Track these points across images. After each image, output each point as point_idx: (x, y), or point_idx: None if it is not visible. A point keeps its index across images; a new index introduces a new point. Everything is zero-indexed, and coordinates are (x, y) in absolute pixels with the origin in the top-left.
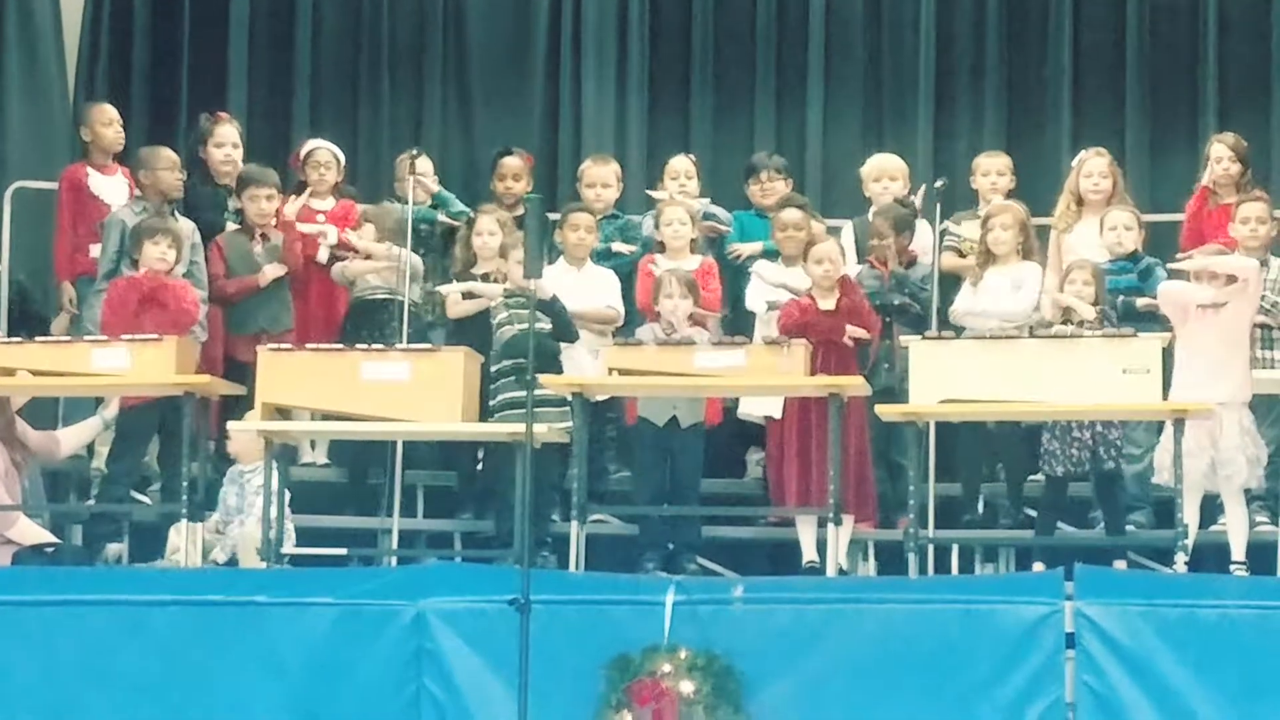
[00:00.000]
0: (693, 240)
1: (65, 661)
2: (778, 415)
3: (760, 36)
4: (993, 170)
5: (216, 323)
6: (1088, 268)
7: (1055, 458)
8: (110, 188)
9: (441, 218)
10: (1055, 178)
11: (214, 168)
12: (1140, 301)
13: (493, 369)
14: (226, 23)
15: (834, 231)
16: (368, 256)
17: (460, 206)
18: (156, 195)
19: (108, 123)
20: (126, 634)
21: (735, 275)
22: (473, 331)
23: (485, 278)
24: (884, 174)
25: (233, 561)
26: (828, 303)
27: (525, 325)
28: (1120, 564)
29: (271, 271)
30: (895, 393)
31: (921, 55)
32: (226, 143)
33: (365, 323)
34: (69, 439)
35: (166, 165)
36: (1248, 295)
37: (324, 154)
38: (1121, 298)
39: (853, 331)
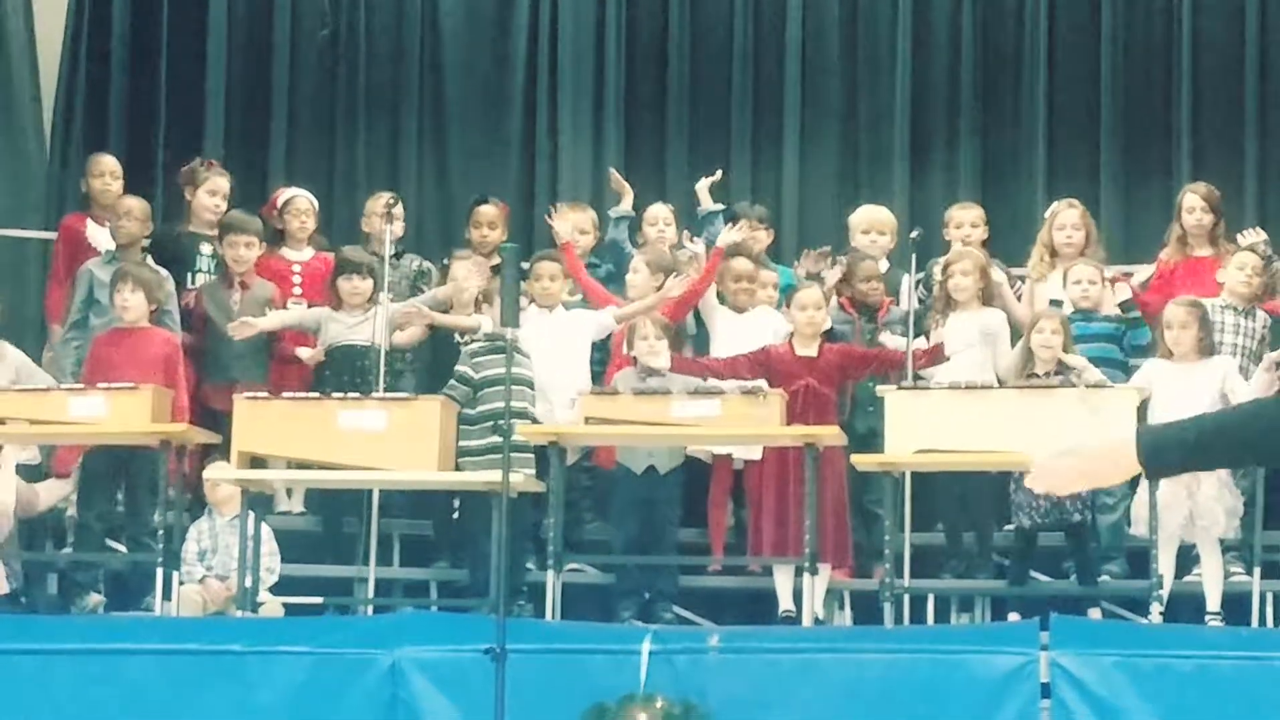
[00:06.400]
0: (656, 288)
1: (39, 712)
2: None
3: (736, 84)
4: (965, 222)
5: (189, 370)
6: (1056, 317)
7: (1023, 510)
8: (106, 238)
9: None
10: (1030, 228)
11: (197, 213)
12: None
13: (460, 411)
14: (203, 70)
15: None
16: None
17: None
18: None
19: (98, 174)
20: (101, 683)
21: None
22: (444, 379)
23: None
24: (873, 226)
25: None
26: (808, 350)
27: (497, 370)
28: (1095, 613)
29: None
30: (880, 435)
31: (897, 104)
32: (219, 192)
33: (345, 368)
34: (48, 492)
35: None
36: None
37: (304, 202)
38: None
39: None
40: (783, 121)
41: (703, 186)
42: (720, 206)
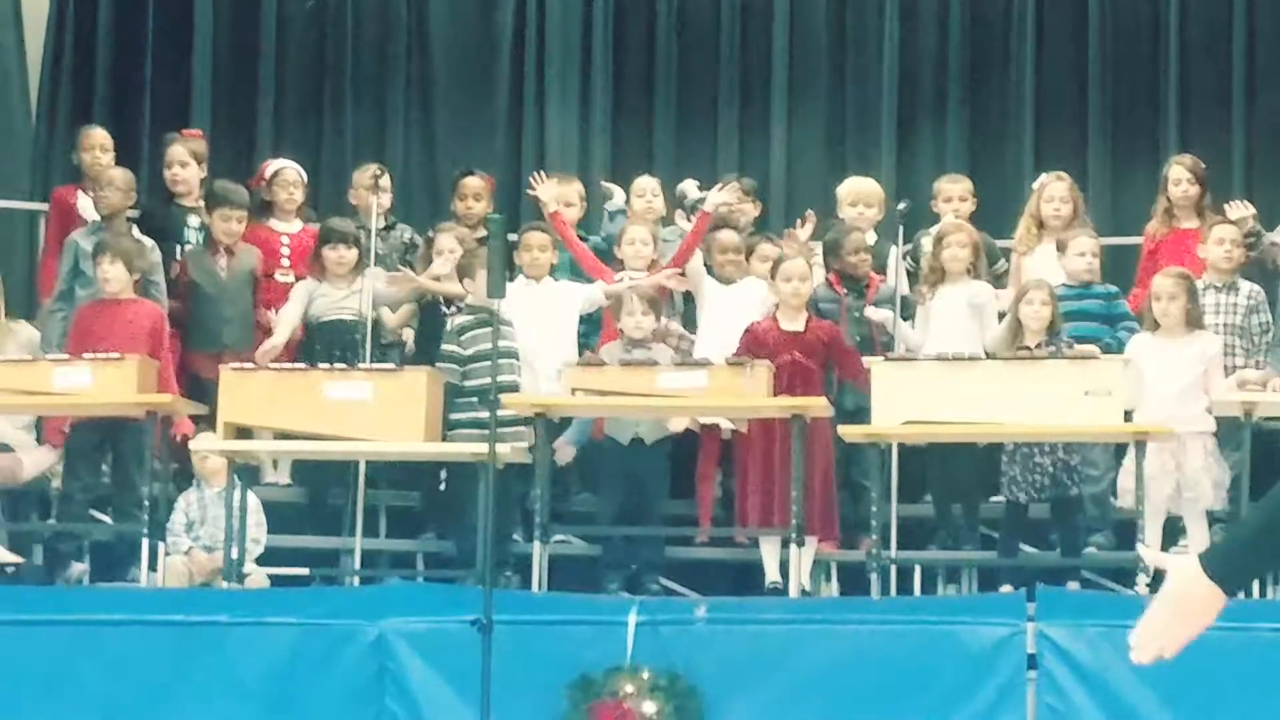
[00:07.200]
0: (653, 260)
1: (24, 682)
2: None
3: (724, 58)
4: (954, 195)
5: (173, 339)
6: (1045, 288)
7: (1016, 483)
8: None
9: None
10: (1017, 201)
11: (169, 186)
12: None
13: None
14: (190, 43)
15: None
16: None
17: None
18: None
19: (89, 148)
20: (87, 654)
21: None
22: (430, 352)
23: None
24: (860, 199)
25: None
26: (794, 324)
27: (485, 345)
28: (1073, 585)
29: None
30: (868, 412)
31: (885, 77)
32: (174, 161)
33: (334, 342)
34: (31, 462)
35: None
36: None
37: (291, 174)
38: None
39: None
40: (770, 94)
41: (690, 183)
42: (707, 193)
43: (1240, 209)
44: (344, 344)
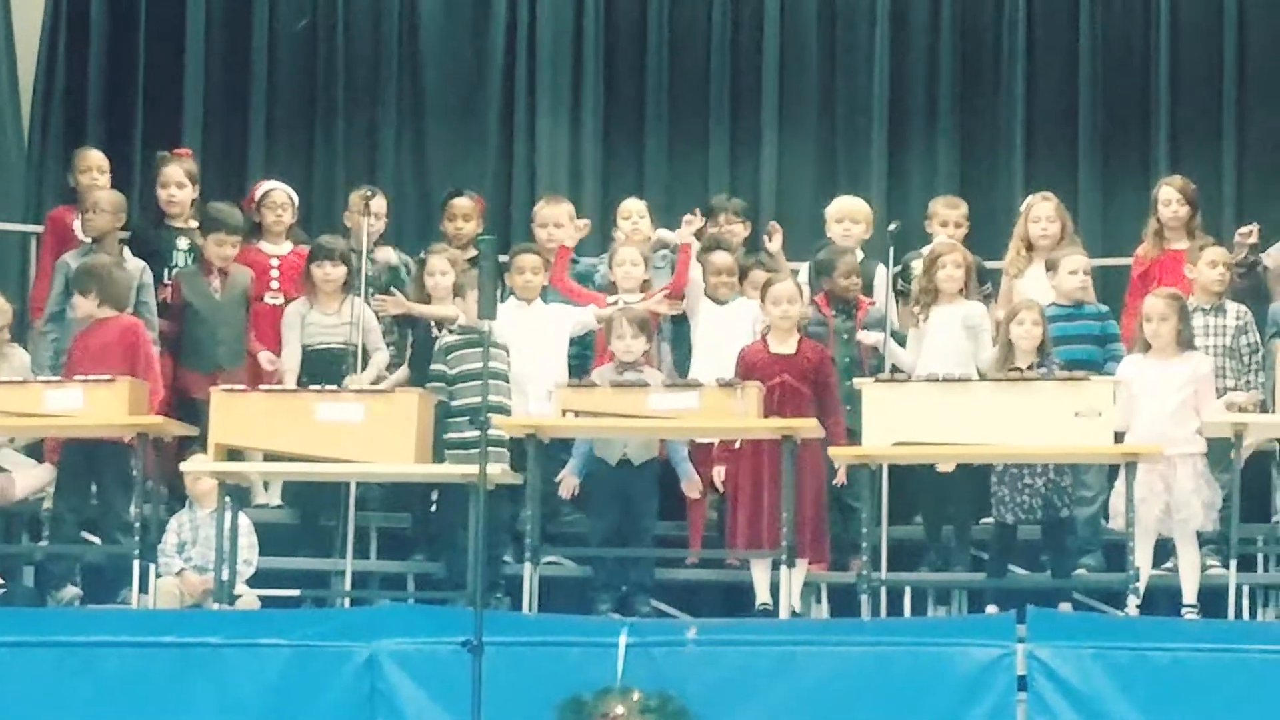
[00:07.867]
0: (645, 280)
1: (16, 704)
2: None
3: (715, 78)
4: (950, 220)
5: (166, 359)
6: (1035, 309)
7: (1005, 505)
8: None
9: None
10: (1008, 222)
11: (162, 207)
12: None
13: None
14: (182, 63)
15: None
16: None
17: None
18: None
19: (85, 170)
20: (78, 676)
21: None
22: (423, 374)
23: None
24: (846, 216)
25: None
26: (785, 347)
27: (471, 365)
28: (1065, 606)
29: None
30: (859, 434)
31: (875, 97)
32: (170, 183)
33: (323, 371)
34: (24, 482)
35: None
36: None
37: (280, 195)
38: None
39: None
40: (761, 114)
41: (664, 232)
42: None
43: (1249, 235)
44: (331, 374)
